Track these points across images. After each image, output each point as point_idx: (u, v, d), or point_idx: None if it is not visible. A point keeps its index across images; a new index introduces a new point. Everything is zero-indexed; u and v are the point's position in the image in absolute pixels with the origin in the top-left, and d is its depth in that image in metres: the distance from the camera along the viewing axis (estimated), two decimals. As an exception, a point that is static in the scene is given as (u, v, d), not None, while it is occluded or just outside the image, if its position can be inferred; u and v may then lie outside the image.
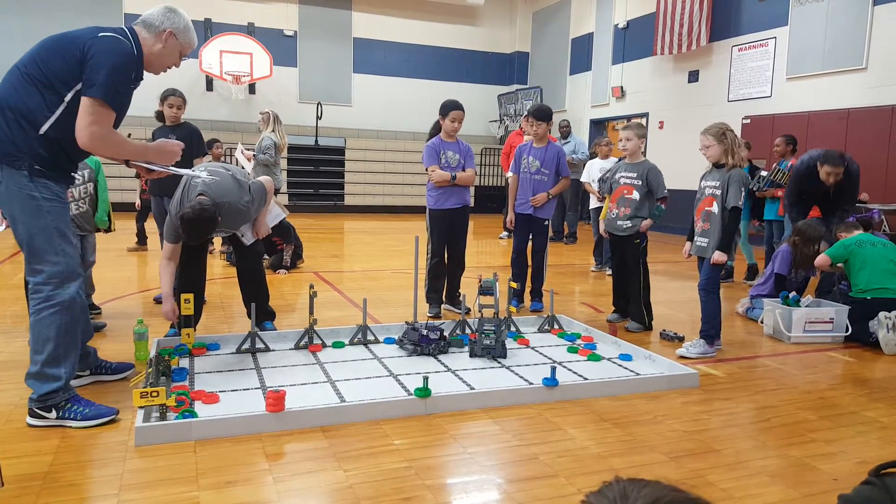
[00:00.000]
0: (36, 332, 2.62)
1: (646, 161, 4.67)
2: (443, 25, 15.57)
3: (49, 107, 2.55)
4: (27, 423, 2.66)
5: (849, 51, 8.61)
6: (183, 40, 2.85)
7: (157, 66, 2.85)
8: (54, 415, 2.66)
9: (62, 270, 2.61)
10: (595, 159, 7.78)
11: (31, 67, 2.56)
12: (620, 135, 4.72)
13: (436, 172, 4.73)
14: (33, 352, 2.64)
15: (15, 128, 2.53)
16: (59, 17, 12.71)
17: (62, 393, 2.67)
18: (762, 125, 9.71)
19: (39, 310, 2.60)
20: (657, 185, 4.57)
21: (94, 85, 2.51)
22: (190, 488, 2.19)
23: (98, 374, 3.21)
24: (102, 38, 2.57)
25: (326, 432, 2.67)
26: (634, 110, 12.75)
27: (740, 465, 2.50)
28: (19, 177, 2.54)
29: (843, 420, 3.03)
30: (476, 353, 3.73)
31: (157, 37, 2.78)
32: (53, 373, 2.64)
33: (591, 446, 2.64)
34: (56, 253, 2.60)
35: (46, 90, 2.54)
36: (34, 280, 2.61)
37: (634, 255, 4.63)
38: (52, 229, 2.60)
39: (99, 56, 2.53)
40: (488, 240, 10.15)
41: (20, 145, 2.53)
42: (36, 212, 2.56)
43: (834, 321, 4.44)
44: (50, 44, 2.61)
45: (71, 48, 2.55)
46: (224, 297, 5.39)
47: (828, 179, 5.49)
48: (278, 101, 13.65)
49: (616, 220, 4.68)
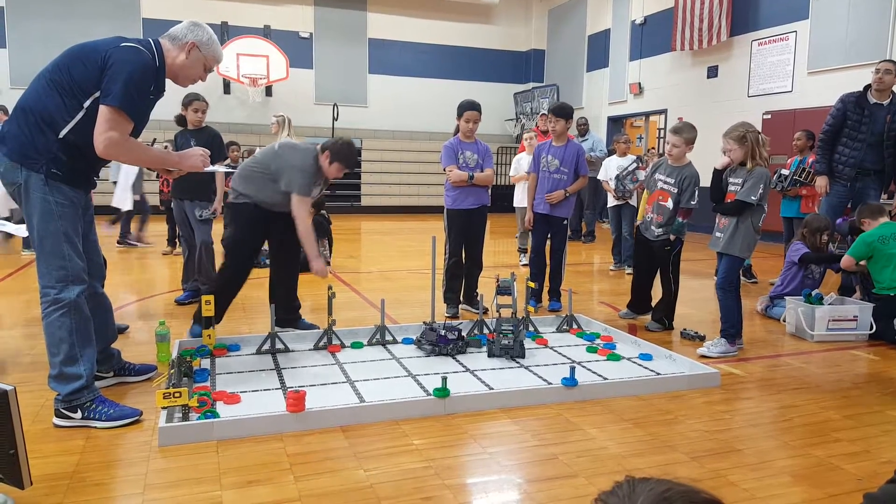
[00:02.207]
0: (49, 335, 2.68)
1: (687, 166, 4.48)
2: (458, 24, 15.58)
3: (69, 112, 2.61)
4: (53, 424, 2.71)
5: (871, 44, 8.47)
6: (206, 53, 2.92)
7: (182, 79, 2.92)
8: (79, 415, 2.71)
9: (67, 274, 2.67)
10: (613, 157, 7.73)
11: (55, 73, 2.64)
12: (669, 138, 4.54)
13: (453, 172, 4.73)
14: (50, 354, 2.70)
15: (35, 131, 2.61)
16: (77, 23, 12.92)
17: (87, 392, 2.72)
18: (783, 120, 9.58)
19: (49, 312, 2.66)
20: (685, 195, 4.41)
21: (112, 94, 2.57)
22: (213, 488, 2.22)
23: (122, 376, 3.27)
24: (123, 48, 2.64)
25: (346, 432, 2.69)
26: (653, 107, 12.66)
27: (763, 465, 2.48)
28: (37, 179, 2.62)
29: (868, 419, 2.99)
30: (494, 353, 3.73)
31: (180, 48, 2.85)
32: (73, 372, 2.69)
33: (611, 446, 2.63)
34: (63, 257, 2.66)
35: (67, 96, 2.61)
36: (42, 283, 2.67)
37: (666, 260, 4.53)
38: (61, 234, 2.66)
39: (118, 65, 2.58)
40: (505, 239, 10.13)
41: (40, 148, 2.61)
42: (48, 215, 2.63)
43: (858, 319, 4.38)
44: (74, 51, 2.68)
45: (93, 56, 2.62)
46: (245, 297, 5.43)
47: (882, 81, 5.28)
48: (295, 103, 13.74)
49: (650, 224, 4.58)
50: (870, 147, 5.40)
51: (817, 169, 5.69)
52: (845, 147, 5.49)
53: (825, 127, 5.61)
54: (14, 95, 12.92)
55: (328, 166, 3.97)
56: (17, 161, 2.62)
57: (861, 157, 5.42)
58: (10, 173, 2.65)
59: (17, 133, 2.63)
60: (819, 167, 5.65)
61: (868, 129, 5.37)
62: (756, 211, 3.89)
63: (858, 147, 5.42)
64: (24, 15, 12.70)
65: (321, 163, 3.98)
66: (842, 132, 5.49)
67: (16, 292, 5.39)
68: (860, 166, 5.44)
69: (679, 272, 4.57)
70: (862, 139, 5.41)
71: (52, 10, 12.80)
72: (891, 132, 5.35)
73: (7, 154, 2.63)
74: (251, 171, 3.98)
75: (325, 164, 3.98)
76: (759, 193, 3.82)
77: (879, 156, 5.42)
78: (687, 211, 4.46)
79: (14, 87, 12.51)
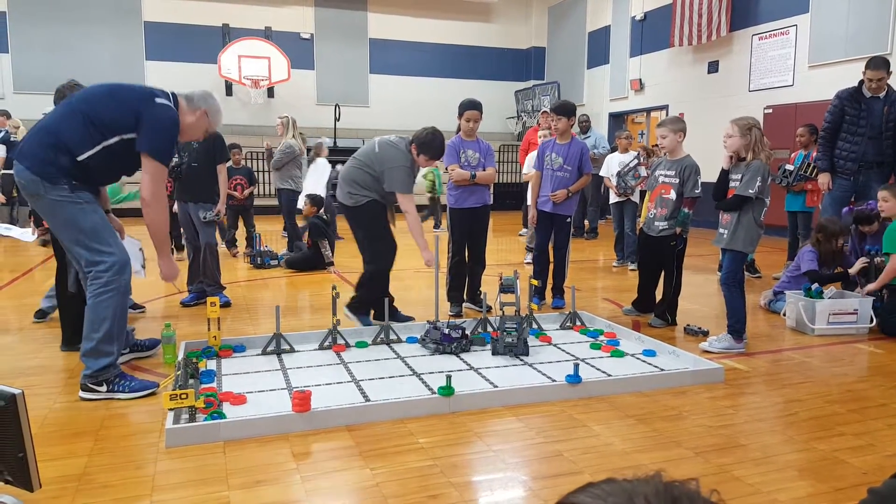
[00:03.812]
0: (94, 313, 2.97)
1: (685, 158, 4.48)
2: (458, 23, 15.57)
3: (90, 143, 2.93)
4: (80, 398, 3.02)
5: (872, 37, 8.45)
6: (212, 120, 3.31)
7: (184, 135, 3.27)
8: (105, 388, 3.02)
9: (119, 259, 3.00)
10: (615, 153, 7.73)
11: (84, 105, 2.97)
12: (657, 132, 4.58)
13: (455, 171, 4.74)
14: (90, 331, 2.98)
15: (55, 152, 2.90)
16: (80, 28, 12.97)
17: (112, 369, 3.04)
18: (785, 114, 9.56)
19: (99, 293, 2.96)
20: (688, 184, 4.41)
21: (159, 151, 3.00)
22: (220, 488, 2.23)
23: (135, 352, 3.67)
24: (161, 107, 3.02)
25: (352, 431, 2.70)
26: (654, 103, 12.64)
27: (767, 460, 2.49)
28: (60, 189, 2.91)
29: (872, 413, 2.99)
30: (498, 350, 3.74)
31: (192, 111, 3.22)
32: (107, 349, 3.01)
33: (616, 442, 2.63)
34: (110, 245, 3.01)
35: (90, 129, 2.92)
36: (95, 269, 2.96)
37: (670, 257, 4.51)
38: (101, 225, 3.01)
39: (160, 123, 3.00)
40: (508, 237, 10.14)
41: (59, 167, 2.90)
42: (83, 213, 2.95)
43: (858, 312, 4.37)
44: (107, 91, 3.04)
45: (126, 104, 2.98)
46: (249, 299, 5.46)
47: (870, 86, 5.30)
48: (296, 104, 13.75)
49: (654, 220, 4.56)
50: (870, 140, 5.39)
51: (819, 166, 5.69)
52: (845, 142, 5.49)
53: (824, 124, 5.62)
54: (17, 100, 13.01)
55: (417, 157, 4.21)
56: (38, 175, 2.88)
57: (862, 150, 5.41)
58: (31, 186, 2.91)
59: (38, 151, 2.92)
60: (821, 164, 5.66)
61: (867, 123, 5.37)
62: (756, 204, 3.86)
63: (859, 141, 5.42)
64: (27, 20, 12.73)
65: (413, 155, 4.20)
66: (841, 128, 5.50)
67: (22, 296, 5.41)
68: (862, 160, 5.43)
69: (682, 269, 4.57)
70: (861, 133, 5.40)
71: (54, 16, 12.83)
72: (888, 123, 5.35)
73: (29, 168, 2.89)
74: (360, 173, 4.19)
75: (414, 155, 4.21)
76: (757, 186, 3.79)
77: (880, 148, 5.41)
78: (692, 201, 4.44)
79: (17, 91, 12.56)
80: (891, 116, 5.34)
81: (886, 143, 5.40)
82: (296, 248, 7.39)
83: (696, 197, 4.44)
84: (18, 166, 2.95)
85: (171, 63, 13.45)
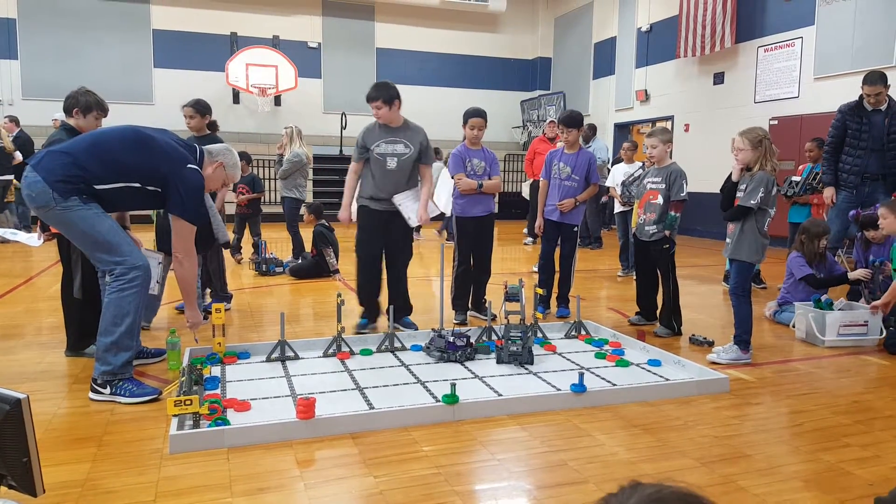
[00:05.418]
0: (118, 307, 3.05)
1: (671, 164, 4.63)
2: (465, 33, 15.64)
3: (106, 180, 3.06)
4: (90, 399, 3.09)
5: (878, 49, 8.45)
6: (228, 172, 3.56)
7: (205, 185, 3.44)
8: (108, 391, 3.07)
9: (137, 258, 3.11)
10: (620, 164, 7.74)
11: (109, 145, 3.11)
12: (645, 142, 4.70)
13: (462, 181, 4.75)
14: (112, 325, 3.05)
15: (75, 178, 3.00)
16: (89, 35, 13.08)
17: (130, 366, 3.13)
18: (790, 126, 9.57)
19: (123, 287, 3.05)
20: (674, 188, 4.51)
21: (190, 213, 3.20)
22: (224, 495, 2.23)
23: (141, 358, 3.65)
24: (192, 171, 3.23)
25: (356, 439, 2.70)
26: (659, 113, 12.65)
27: (773, 471, 2.47)
28: (72, 200, 2.98)
29: (879, 424, 2.97)
30: (503, 359, 3.73)
31: (210, 163, 3.46)
32: (128, 343, 3.10)
33: (621, 452, 2.62)
34: (129, 244, 3.13)
35: (110, 168, 3.07)
36: (119, 268, 3.06)
37: (664, 261, 4.60)
38: (117, 228, 3.11)
39: (191, 189, 3.20)
40: (513, 246, 10.14)
41: (73, 186, 2.99)
42: (97, 218, 3.04)
43: (868, 324, 4.35)
44: (134, 139, 3.16)
45: (156, 161, 3.13)
46: (253, 306, 5.47)
47: (869, 101, 5.32)
48: (303, 113, 13.82)
49: (644, 225, 4.67)
50: (873, 153, 5.42)
51: (824, 180, 5.72)
52: (848, 156, 5.53)
53: (828, 139, 5.69)
54: (26, 106, 13.12)
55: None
56: (51, 187, 2.93)
57: (865, 163, 5.45)
58: (42, 196, 2.96)
59: (56, 170, 2.98)
60: (826, 178, 5.70)
61: (869, 136, 5.41)
62: (760, 215, 3.85)
63: (861, 155, 5.46)
64: (36, 27, 12.85)
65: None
66: (844, 142, 5.53)
67: (27, 302, 5.43)
68: (865, 173, 5.46)
69: (675, 272, 4.60)
70: (864, 146, 5.44)
71: (63, 23, 12.94)
72: (890, 136, 5.37)
73: (44, 178, 2.94)
74: None
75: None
76: (760, 197, 3.77)
77: (883, 161, 5.44)
78: (678, 204, 4.52)
79: (26, 98, 12.66)
80: (892, 129, 5.36)
81: (889, 155, 5.42)
82: (301, 257, 7.40)
83: (682, 200, 4.53)
84: (33, 175, 2.95)
85: (180, 71, 13.55)
